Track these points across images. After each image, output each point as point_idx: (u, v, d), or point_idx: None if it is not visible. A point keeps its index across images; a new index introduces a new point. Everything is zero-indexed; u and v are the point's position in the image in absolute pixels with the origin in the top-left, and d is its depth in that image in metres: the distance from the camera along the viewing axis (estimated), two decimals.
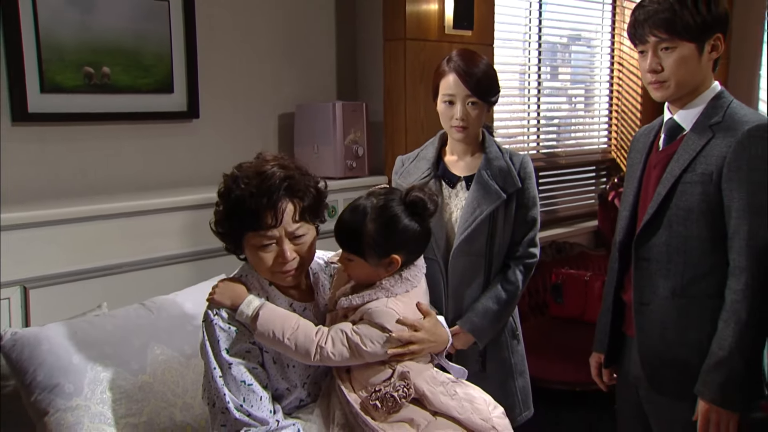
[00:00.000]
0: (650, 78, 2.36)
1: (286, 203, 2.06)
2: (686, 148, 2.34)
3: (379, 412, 2.07)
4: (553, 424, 4.17)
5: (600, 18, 5.75)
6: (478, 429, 2.12)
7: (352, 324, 2.12)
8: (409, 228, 2.16)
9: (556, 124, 5.69)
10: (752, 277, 2.22)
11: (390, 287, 2.16)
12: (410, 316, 2.16)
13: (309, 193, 2.12)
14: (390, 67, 3.99)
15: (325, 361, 2.07)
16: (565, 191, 5.66)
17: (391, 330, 2.10)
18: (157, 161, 3.43)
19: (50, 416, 2.25)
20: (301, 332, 2.06)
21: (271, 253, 2.07)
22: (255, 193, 2.02)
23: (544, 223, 5.33)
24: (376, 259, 2.14)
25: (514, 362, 2.85)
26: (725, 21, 2.32)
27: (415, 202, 2.17)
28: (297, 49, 3.92)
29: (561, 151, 5.61)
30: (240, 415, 1.99)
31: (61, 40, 3.04)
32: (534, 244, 2.81)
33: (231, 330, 2.05)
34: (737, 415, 2.26)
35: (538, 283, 5.07)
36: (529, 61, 5.28)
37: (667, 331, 2.39)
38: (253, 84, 3.75)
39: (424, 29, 3.98)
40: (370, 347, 2.08)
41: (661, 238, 2.38)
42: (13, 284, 2.76)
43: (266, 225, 2.03)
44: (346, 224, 2.17)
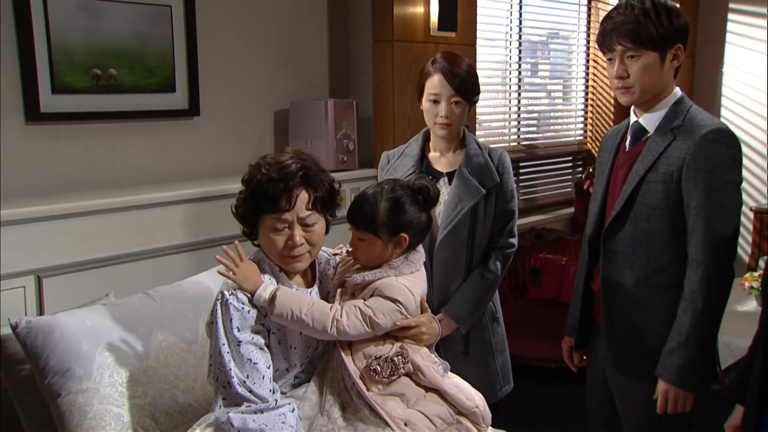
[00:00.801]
0: (617, 83, 2.39)
1: (300, 191, 2.09)
2: (650, 149, 2.37)
3: (378, 377, 2.10)
4: (531, 397, 4.23)
5: (576, 17, 5.76)
6: (464, 406, 2.17)
7: (363, 300, 2.16)
8: (416, 210, 2.22)
9: (536, 117, 5.70)
10: (708, 269, 2.26)
11: (398, 266, 2.20)
12: (417, 293, 2.22)
13: (323, 185, 2.15)
14: (379, 66, 3.99)
15: (340, 334, 2.10)
16: (544, 180, 5.68)
17: (403, 303, 2.15)
18: (160, 156, 3.44)
19: (63, 398, 2.26)
20: (317, 309, 2.09)
21: (283, 237, 2.10)
22: (274, 179, 2.06)
23: (524, 210, 5.40)
24: (388, 236, 2.18)
25: (494, 343, 2.87)
26: (685, 32, 2.35)
27: (422, 188, 2.23)
28: (291, 50, 3.92)
29: (540, 143, 5.62)
30: (242, 390, 2.00)
31: (71, 44, 3.05)
32: (512, 235, 2.83)
33: (245, 310, 2.06)
34: (693, 394, 2.31)
35: (518, 266, 5.10)
36: (510, 59, 5.28)
37: (632, 318, 2.43)
38: (250, 83, 3.76)
39: (411, 31, 3.99)
40: (382, 320, 2.12)
41: (627, 233, 2.41)
42: (28, 273, 2.76)
43: (280, 208, 2.07)
44: (361, 205, 2.21)
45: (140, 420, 2.31)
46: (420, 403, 2.12)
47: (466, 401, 2.17)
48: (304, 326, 2.08)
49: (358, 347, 2.16)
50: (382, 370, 2.10)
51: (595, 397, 2.68)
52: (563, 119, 5.89)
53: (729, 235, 2.28)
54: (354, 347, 2.16)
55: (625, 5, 2.34)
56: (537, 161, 5.59)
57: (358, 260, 2.24)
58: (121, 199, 3.03)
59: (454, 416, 2.15)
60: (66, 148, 3.13)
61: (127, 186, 3.29)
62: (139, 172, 3.36)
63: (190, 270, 3.13)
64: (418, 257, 2.27)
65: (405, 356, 2.14)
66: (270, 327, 2.12)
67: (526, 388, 4.20)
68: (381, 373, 2.10)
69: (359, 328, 2.11)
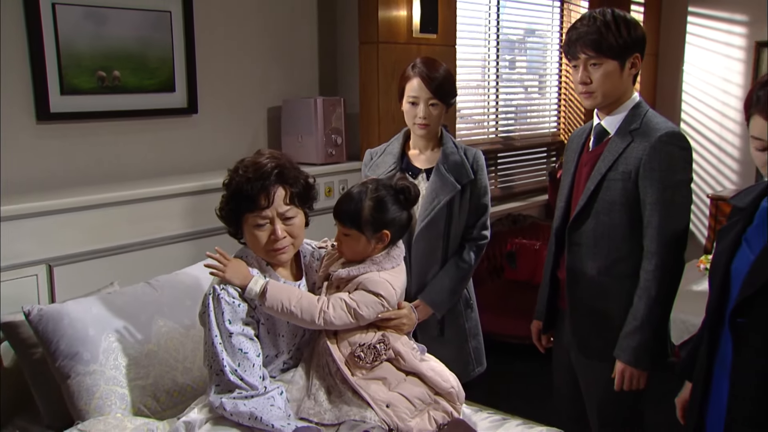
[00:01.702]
0: (581, 89, 2.42)
1: (277, 188, 2.11)
2: (610, 150, 2.39)
3: (362, 362, 2.12)
4: (507, 371, 4.26)
5: (550, 17, 5.78)
6: (440, 388, 2.20)
7: (348, 293, 2.18)
8: (398, 208, 2.23)
9: (514, 110, 5.71)
10: (661, 260, 2.30)
11: (380, 262, 2.22)
12: (398, 287, 2.23)
13: (298, 182, 2.17)
14: (365, 66, 4.00)
15: (327, 325, 2.12)
16: (520, 170, 5.70)
17: (385, 296, 2.17)
18: (161, 152, 3.44)
19: (72, 379, 2.28)
20: (305, 301, 2.11)
21: (265, 232, 2.11)
22: (251, 179, 2.08)
23: (501, 197, 5.43)
24: (371, 232, 2.19)
25: (468, 327, 2.90)
26: (642, 43, 2.38)
27: (404, 188, 2.25)
28: (283, 51, 3.92)
29: (516, 135, 5.63)
30: (234, 378, 2.02)
31: (78, 48, 3.06)
32: (485, 227, 2.85)
33: (235, 304, 2.08)
34: (646, 373, 2.36)
35: (496, 250, 5.13)
36: (488, 56, 5.29)
37: (593, 305, 2.47)
38: (244, 82, 3.77)
39: (395, 33, 4.00)
40: (365, 311, 2.14)
41: (590, 226, 2.43)
42: (40, 263, 2.78)
43: (260, 206, 2.09)
44: (346, 203, 2.22)
45: (143, 399, 2.34)
46: (401, 386, 2.15)
47: (443, 383, 2.20)
48: (293, 317, 2.10)
49: (343, 336, 2.18)
50: (366, 357, 2.13)
51: (560, 375, 2.71)
52: (538, 112, 5.90)
53: (681, 229, 2.33)
54: (339, 336, 2.18)
55: (588, 17, 2.37)
56: (513, 152, 5.60)
57: (343, 254, 2.25)
58: (126, 193, 3.04)
59: (432, 397, 2.18)
60: (74, 146, 3.15)
61: (131, 180, 3.29)
62: (142, 166, 3.37)
63: (190, 258, 3.15)
64: (398, 252, 2.28)
65: (386, 343, 2.16)
66: (259, 318, 2.14)
67: (502, 363, 4.25)
68: (365, 359, 2.13)
69: (344, 318, 2.13)
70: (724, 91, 5.97)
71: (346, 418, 2.06)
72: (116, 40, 3.19)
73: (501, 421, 2.38)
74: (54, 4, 2.96)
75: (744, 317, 1.97)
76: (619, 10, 2.39)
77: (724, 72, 5.95)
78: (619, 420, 2.52)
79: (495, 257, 5.14)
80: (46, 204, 2.80)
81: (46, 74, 2.99)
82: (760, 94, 1.88)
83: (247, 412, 1.99)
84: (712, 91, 6.04)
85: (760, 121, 1.86)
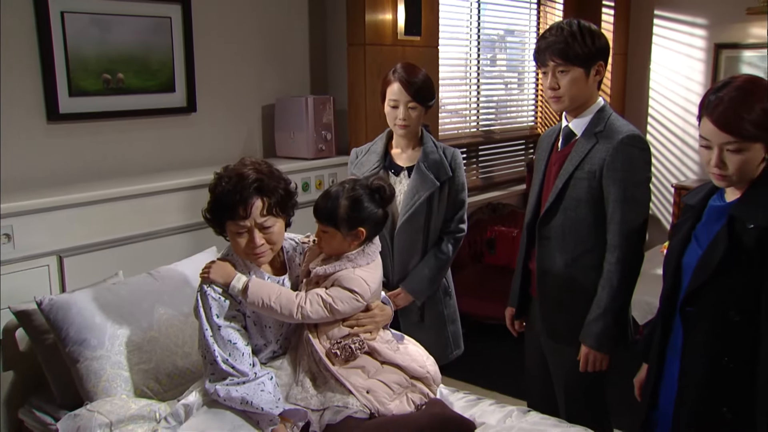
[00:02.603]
0: (550, 93, 2.44)
1: (255, 200, 2.12)
2: (577, 150, 2.42)
3: (338, 359, 2.16)
4: (486, 349, 4.30)
5: (528, 17, 5.79)
6: (416, 373, 2.24)
7: (325, 289, 2.20)
8: (373, 206, 2.24)
9: (494, 105, 5.71)
10: (623, 253, 2.34)
11: (355, 259, 2.24)
12: (372, 282, 2.25)
13: (277, 192, 2.17)
14: (353, 66, 4.01)
15: (305, 319, 2.15)
16: (499, 160, 5.71)
17: (359, 292, 2.19)
18: (162, 148, 3.46)
19: (81, 363, 2.33)
20: (284, 297, 2.14)
21: (244, 239, 2.14)
22: (231, 191, 2.10)
23: (482, 187, 5.46)
24: (347, 229, 2.21)
25: (446, 314, 2.93)
26: (606, 52, 2.41)
27: (379, 188, 2.26)
28: (277, 53, 3.93)
29: (497, 128, 5.65)
30: (226, 366, 2.06)
31: (85, 53, 3.08)
32: (462, 221, 2.87)
33: (221, 300, 2.12)
34: (608, 356, 2.41)
35: (476, 237, 5.15)
36: (470, 54, 5.30)
37: (561, 294, 2.51)
38: (240, 82, 3.77)
39: (381, 36, 4.01)
40: (340, 306, 2.17)
41: (558, 221, 2.47)
42: (51, 254, 2.80)
43: (239, 216, 2.11)
44: (324, 202, 2.24)
45: (146, 382, 2.38)
46: (379, 373, 2.19)
47: (419, 368, 2.24)
48: (273, 312, 2.13)
49: (323, 329, 2.21)
50: (341, 355, 2.16)
51: (531, 358, 2.75)
52: (517, 106, 5.92)
53: (640, 224, 2.37)
54: (319, 329, 2.21)
55: (556, 28, 2.39)
56: (494, 144, 5.61)
57: (322, 249, 2.27)
58: (129, 188, 3.05)
59: (409, 381, 2.21)
60: (82, 144, 3.16)
61: (134, 175, 3.31)
62: (144, 162, 3.39)
63: (188, 248, 3.18)
64: (373, 249, 2.30)
65: (361, 344, 2.19)
66: (245, 311, 2.18)
67: (481, 342, 4.32)
68: (340, 356, 2.16)
69: (320, 313, 2.16)
70: (687, 89, 6.02)
71: (330, 404, 2.11)
72: (120, 45, 3.21)
73: (475, 401, 2.42)
74: (63, 13, 2.98)
75: (693, 307, 2.04)
76: (584, 21, 2.41)
77: (687, 71, 6.01)
78: (583, 397, 2.56)
79: (476, 243, 5.16)
80: (57, 199, 2.83)
81: (56, 77, 3.01)
82: (711, 99, 1.94)
83: (238, 397, 2.03)
84: (676, 88, 6.09)
85: (707, 122, 1.93)
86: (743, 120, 1.86)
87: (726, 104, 1.89)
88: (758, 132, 1.87)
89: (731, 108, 1.88)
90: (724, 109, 1.89)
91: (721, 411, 2.01)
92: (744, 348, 1.95)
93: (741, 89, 1.91)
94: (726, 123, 1.88)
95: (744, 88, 1.91)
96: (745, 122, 1.86)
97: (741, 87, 1.91)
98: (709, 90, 1.99)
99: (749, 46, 5.69)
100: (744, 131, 1.87)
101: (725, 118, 1.88)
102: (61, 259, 2.84)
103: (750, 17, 5.53)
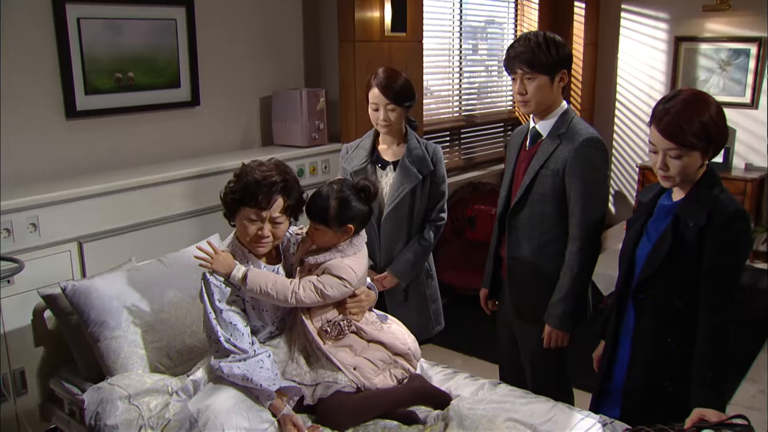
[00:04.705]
0: (518, 98, 2.50)
1: (278, 196, 2.21)
2: (543, 150, 2.49)
3: (328, 335, 2.25)
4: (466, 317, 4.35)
5: (507, 8, 5.81)
6: (399, 350, 2.33)
7: (316, 276, 2.28)
8: (360, 204, 2.32)
9: (476, 89, 5.73)
10: (582, 243, 2.43)
11: (344, 249, 2.32)
12: (359, 270, 2.33)
13: (295, 195, 2.27)
14: (343, 61, 4.05)
15: (298, 303, 2.23)
16: (480, 142, 5.74)
17: (347, 279, 2.27)
18: (169, 139, 3.53)
19: (101, 343, 2.40)
20: (279, 283, 2.22)
21: (255, 227, 2.21)
22: (260, 181, 2.18)
23: (463, 167, 5.51)
24: (338, 226, 2.29)
25: (429, 294, 3.00)
26: (569, 60, 2.47)
27: (364, 187, 2.35)
28: (273, 49, 3.97)
29: (478, 113, 5.68)
30: (228, 345, 2.15)
31: (99, 55, 3.15)
32: (443, 210, 2.93)
33: (222, 287, 2.20)
34: (568, 334, 2.51)
35: (458, 214, 5.20)
36: (452, 44, 5.32)
37: (528, 278, 2.59)
38: (240, 77, 3.83)
39: (369, 32, 4.05)
40: (330, 291, 2.25)
41: (526, 214, 2.54)
42: (72, 240, 2.89)
43: (260, 206, 2.19)
44: (316, 203, 2.31)
45: (158, 359, 2.45)
46: (365, 351, 2.28)
47: (401, 345, 2.34)
48: (270, 297, 2.21)
49: (315, 312, 2.30)
50: (331, 331, 2.26)
51: (502, 334, 2.84)
52: (497, 91, 5.95)
53: (599, 217, 2.45)
54: (312, 312, 2.30)
55: (524, 38, 2.45)
56: (475, 127, 5.65)
57: (315, 243, 2.35)
58: (140, 179, 3.13)
59: (392, 357, 2.31)
60: (97, 138, 3.24)
61: (145, 165, 3.38)
62: (154, 152, 3.46)
63: (194, 232, 3.26)
64: (360, 240, 2.38)
65: (348, 321, 2.29)
66: (244, 297, 2.26)
67: (462, 311, 4.40)
68: (330, 333, 2.26)
69: (312, 297, 2.24)
70: (651, 76, 6.13)
71: (321, 380, 2.20)
72: (130, 47, 3.27)
73: (452, 374, 2.52)
74: (79, 19, 3.04)
75: (643, 294, 2.16)
76: (550, 33, 2.47)
77: (651, 60, 6.11)
78: (546, 369, 2.66)
79: (457, 220, 5.21)
80: (77, 191, 2.91)
81: (73, 78, 3.08)
82: (659, 109, 2.05)
83: (240, 374, 2.11)
84: (641, 75, 6.19)
85: (654, 130, 2.04)
86: (684, 131, 1.97)
87: (671, 116, 1.99)
88: (697, 142, 1.98)
89: (675, 120, 1.98)
90: (669, 120, 1.99)
91: (664, 384, 2.15)
92: (685, 330, 2.07)
93: (685, 103, 2.01)
94: (670, 132, 1.99)
95: (688, 102, 2.01)
96: (686, 133, 1.97)
97: (686, 100, 2.02)
98: (660, 101, 2.08)
99: (705, 39, 5.81)
100: (685, 141, 1.98)
101: (670, 128, 1.99)
102: (81, 245, 2.92)
103: (706, 13, 5.67)
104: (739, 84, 5.73)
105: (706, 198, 2.03)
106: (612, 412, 2.28)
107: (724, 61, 5.75)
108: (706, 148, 2.01)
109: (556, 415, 2.19)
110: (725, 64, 5.75)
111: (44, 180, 3.01)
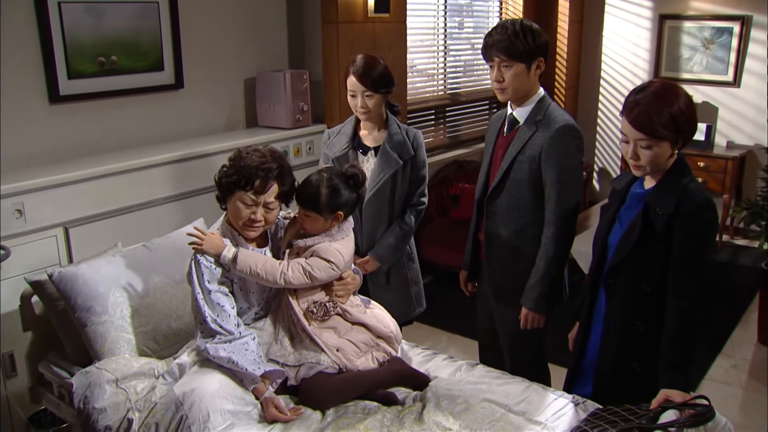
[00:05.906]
0: (496, 85, 2.54)
1: (273, 182, 2.27)
2: (520, 136, 2.54)
3: (314, 316, 2.32)
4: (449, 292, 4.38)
5: None
6: (381, 333, 2.41)
7: (305, 259, 2.35)
8: (349, 192, 2.39)
9: (462, 67, 5.75)
10: (558, 228, 2.49)
11: (332, 234, 2.39)
12: (346, 254, 2.40)
13: (288, 182, 2.34)
14: (327, 43, 4.06)
15: (287, 284, 2.29)
16: (465, 120, 5.78)
17: (335, 262, 2.34)
18: (154, 123, 3.54)
19: (88, 328, 2.46)
20: (269, 264, 2.29)
21: (248, 211, 2.27)
22: (257, 166, 2.24)
23: (449, 145, 5.56)
24: (328, 213, 2.36)
25: (410, 277, 3.05)
26: (545, 49, 2.51)
27: (353, 175, 2.41)
28: (257, 30, 3.97)
29: (462, 91, 5.71)
30: (214, 326, 2.21)
31: (81, 39, 3.15)
32: (423, 195, 2.98)
33: (212, 267, 2.26)
34: (544, 316, 2.59)
35: (443, 192, 5.25)
36: (437, 22, 5.33)
37: (505, 262, 2.65)
38: (223, 58, 3.83)
39: (352, 13, 4.05)
40: (318, 274, 2.32)
41: (503, 199, 2.60)
42: (58, 226, 2.91)
43: (255, 190, 2.25)
44: (307, 190, 2.37)
45: (145, 342, 2.51)
46: (348, 333, 2.35)
47: (383, 328, 2.42)
48: (259, 278, 2.28)
49: (301, 294, 2.36)
50: (317, 312, 2.33)
51: (481, 315, 2.91)
52: (483, 69, 5.93)
53: (573, 203, 2.52)
54: (298, 293, 2.36)
55: (501, 27, 2.48)
56: (460, 105, 5.68)
57: (306, 230, 2.41)
58: (125, 164, 3.14)
59: (374, 340, 2.39)
60: (81, 122, 3.25)
61: (129, 148, 3.40)
62: (138, 136, 3.47)
63: (179, 215, 3.29)
64: (347, 225, 2.45)
65: (334, 303, 2.37)
66: (232, 278, 2.32)
67: (446, 287, 4.45)
68: (317, 313, 2.33)
69: (301, 279, 2.31)
70: (635, 54, 6.20)
71: (305, 361, 2.28)
72: (113, 30, 3.27)
73: (431, 356, 2.60)
74: (59, 3, 3.04)
75: (614, 279, 2.24)
76: (527, 21, 2.51)
77: (635, 38, 6.17)
78: (524, 349, 2.75)
79: (442, 198, 5.26)
80: (62, 177, 2.92)
81: (55, 63, 3.08)
82: (630, 100, 2.12)
83: (225, 357, 2.18)
84: (625, 53, 6.26)
85: (625, 121, 2.11)
86: (654, 122, 2.04)
87: (642, 107, 2.06)
88: (666, 132, 2.05)
89: (645, 111, 2.05)
90: (639, 111, 2.06)
91: (633, 365, 2.24)
92: (654, 315, 2.16)
93: (655, 94, 2.07)
94: (640, 123, 2.06)
95: (658, 94, 2.07)
96: (655, 124, 2.04)
97: (656, 92, 2.08)
98: (631, 92, 2.15)
99: (689, 18, 5.86)
100: (654, 131, 2.05)
101: (640, 119, 2.06)
102: (67, 230, 2.95)
103: None
104: (721, 62, 5.80)
105: (676, 187, 2.10)
106: (584, 389, 2.38)
107: (708, 40, 5.82)
108: (676, 139, 2.08)
109: (530, 396, 2.29)
110: (708, 42, 5.82)
111: (29, 166, 3.03)
